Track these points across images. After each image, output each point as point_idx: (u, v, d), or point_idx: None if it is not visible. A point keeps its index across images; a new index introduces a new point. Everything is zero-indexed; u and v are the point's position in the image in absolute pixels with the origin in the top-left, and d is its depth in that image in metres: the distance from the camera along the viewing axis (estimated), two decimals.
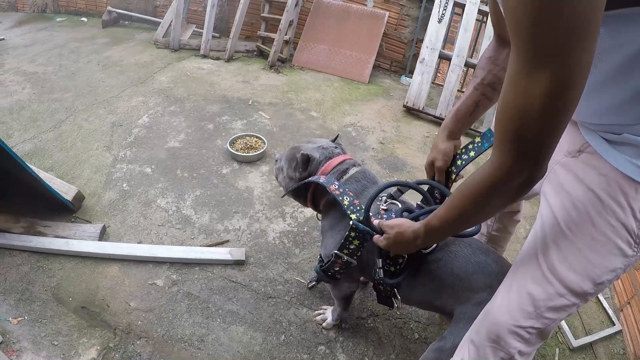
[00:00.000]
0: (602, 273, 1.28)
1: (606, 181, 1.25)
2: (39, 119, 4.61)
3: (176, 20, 6.77)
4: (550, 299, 1.34)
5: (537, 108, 0.94)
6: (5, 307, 2.56)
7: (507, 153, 1.05)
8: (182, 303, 2.66)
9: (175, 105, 5.03)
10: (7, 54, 6.51)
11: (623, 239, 1.24)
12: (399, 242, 1.58)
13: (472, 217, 1.34)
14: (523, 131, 0.99)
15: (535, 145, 1.01)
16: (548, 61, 0.90)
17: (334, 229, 2.08)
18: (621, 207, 1.22)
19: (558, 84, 0.91)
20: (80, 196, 3.32)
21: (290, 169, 2.21)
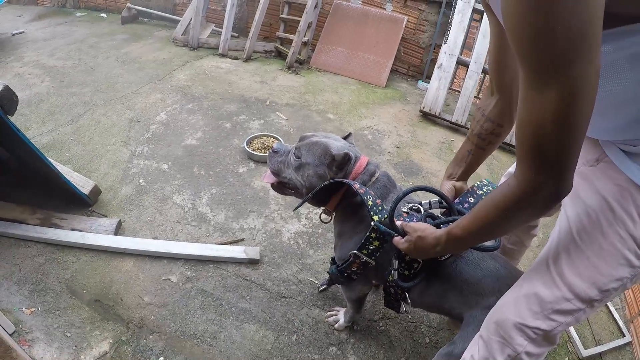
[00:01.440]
0: (608, 281, 1.29)
1: (620, 192, 1.26)
2: (57, 112, 4.65)
3: (195, 18, 6.80)
4: (557, 302, 1.36)
5: (551, 122, 0.97)
6: (19, 298, 2.59)
7: (528, 169, 1.08)
8: (195, 300, 2.67)
9: (193, 103, 5.05)
10: (26, 47, 6.57)
11: (631, 250, 1.25)
12: (419, 247, 1.58)
13: (497, 230, 1.36)
14: (541, 146, 1.02)
15: (554, 159, 1.02)
16: (553, 76, 0.93)
17: (352, 232, 2.06)
18: (632, 219, 1.24)
19: (566, 97, 0.93)
20: (97, 190, 3.34)
21: (321, 166, 2.04)
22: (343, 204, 2.10)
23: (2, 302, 2.55)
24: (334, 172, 2.02)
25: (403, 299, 1.97)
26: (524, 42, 0.94)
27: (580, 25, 0.86)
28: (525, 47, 0.95)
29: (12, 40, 6.89)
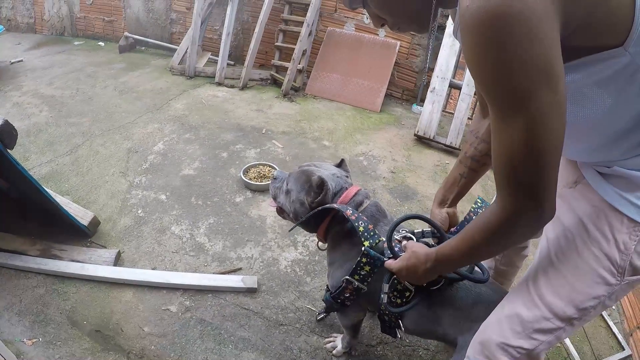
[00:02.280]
0: (586, 300, 1.32)
1: (595, 212, 1.30)
2: (56, 142, 4.70)
3: (192, 47, 6.88)
4: (537, 321, 1.39)
5: (521, 152, 1.02)
6: (21, 328, 2.60)
7: (507, 196, 1.11)
8: (195, 329, 2.69)
9: (190, 132, 5.10)
10: (25, 76, 6.66)
11: (606, 269, 1.28)
12: (411, 264, 1.59)
13: (483, 253, 1.38)
14: (516, 174, 1.07)
15: (531, 186, 1.06)
16: (516, 109, 0.99)
17: (342, 259, 2.08)
18: (606, 239, 1.27)
19: (532, 127, 0.99)
20: (96, 221, 3.37)
21: (301, 192, 2.12)
22: (333, 232, 2.13)
23: (3, 333, 2.57)
24: (312, 198, 2.07)
25: (397, 326, 1.99)
26: (484, 81, 1.01)
27: (535, 60, 0.92)
28: (486, 85, 1.02)
29: (11, 68, 6.97)
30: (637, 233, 1.23)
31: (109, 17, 8.84)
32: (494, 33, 0.92)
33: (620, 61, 1.01)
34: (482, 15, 0.92)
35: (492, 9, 0.90)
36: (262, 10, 6.52)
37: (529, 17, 0.89)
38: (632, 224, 1.23)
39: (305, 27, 6.52)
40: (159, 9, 8.33)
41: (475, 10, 0.92)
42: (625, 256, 1.25)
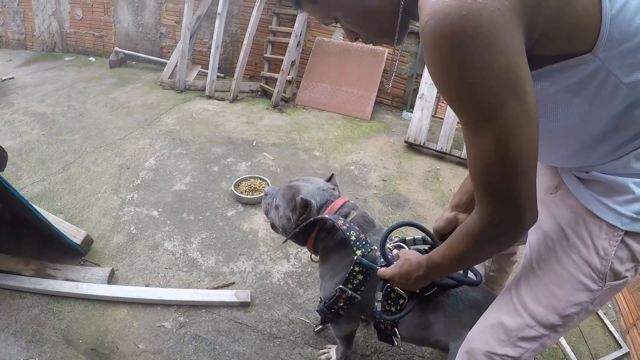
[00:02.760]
0: (567, 307, 1.33)
1: (574, 218, 1.31)
2: (48, 160, 4.71)
3: (181, 61, 6.91)
4: (521, 329, 1.40)
5: (494, 162, 1.03)
6: (17, 349, 2.61)
7: (485, 205, 1.13)
8: (189, 345, 2.70)
9: (181, 147, 5.12)
10: (16, 94, 6.68)
11: (586, 275, 1.28)
12: (404, 271, 1.61)
13: (469, 259, 1.37)
14: (491, 184, 1.08)
15: (507, 194, 1.07)
16: (484, 121, 0.99)
17: (334, 270, 2.10)
18: (585, 245, 1.28)
19: (502, 137, 0.99)
20: (89, 239, 3.38)
21: (288, 209, 2.17)
22: (322, 244, 2.15)
23: (0, 353, 2.58)
24: (296, 216, 2.10)
25: (393, 333, 2.01)
26: (450, 96, 1.02)
27: (498, 71, 0.92)
28: (452, 100, 1.02)
29: (2, 86, 6.98)
30: (616, 238, 1.23)
31: (99, 32, 8.88)
32: (453, 48, 0.92)
33: (590, 67, 1.02)
34: (441, 31, 0.92)
35: (450, 23, 0.90)
36: (250, 22, 6.56)
37: (488, 29, 0.89)
38: (611, 230, 1.23)
39: (293, 37, 6.56)
40: (148, 23, 8.37)
41: (434, 26, 0.93)
42: (605, 262, 1.26)
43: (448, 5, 0.89)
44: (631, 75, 1.02)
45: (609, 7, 0.96)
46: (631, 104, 1.07)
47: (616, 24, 0.96)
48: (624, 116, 1.09)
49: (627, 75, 1.02)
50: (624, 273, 1.27)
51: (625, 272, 1.27)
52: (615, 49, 0.99)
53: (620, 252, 1.25)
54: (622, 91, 1.04)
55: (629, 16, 0.97)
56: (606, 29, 0.97)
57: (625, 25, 0.98)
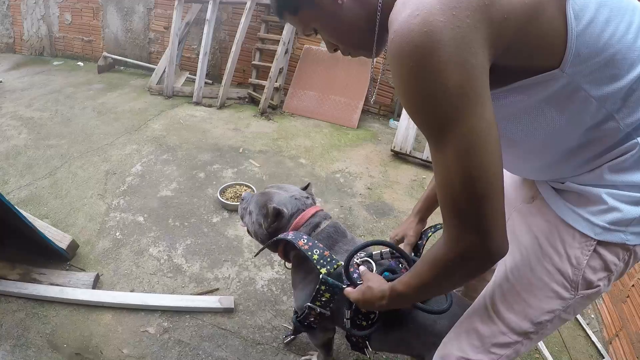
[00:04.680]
0: (540, 314, 1.35)
1: (548, 228, 1.33)
2: (35, 165, 4.72)
3: (169, 67, 6.93)
4: (494, 336, 1.43)
5: (458, 180, 1.02)
6: (1, 353, 2.61)
7: (451, 229, 1.11)
8: (173, 350, 2.71)
9: (168, 153, 5.14)
10: (4, 97, 6.66)
11: (559, 283, 1.30)
12: (367, 298, 1.57)
13: (434, 289, 1.36)
14: (456, 204, 1.06)
15: (473, 217, 1.05)
16: (445, 136, 1.01)
17: (304, 282, 2.12)
18: (558, 254, 1.29)
19: (462, 153, 1.00)
20: (75, 245, 3.40)
21: (260, 216, 2.20)
22: (292, 255, 2.19)
23: None
24: (267, 224, 2.14)
25: (364, 345, 2.03)
26: (411, 109, 1.04)
27: (456, 87, 0.94)
28: (413, 113, 1.05)
29: None
30: (589, 247, 1.25)
31: (88, 37, 8.88)
32: (414, 63, 0.95)
33: (559, 82, 1.04)
34: (404, 47, 0.95)
35: (412, 40, 0.93)
36: (239, 29, 6.61)
37: (448, 46, 0.91)
38: (584, 239, 1.25)
39: (281, 45, 6.61)
40: (137, 28, 8.39)
41: (398, 42, 0.96)
42: (577, 271, 1.28)
43: (412, 23, 0.93)
44: (600, 89, 1.05)
45: (575, 23, 0.98)
46: (603, 117, 1.09)
47: (583, 39, 0.99)
48: (596, 129, 1.12)
49: (597, 89, 1.05)
50: (596, 282, 1.29)
51: (597, 282, 1.29)
52: (583, 64, 1.01)
53: (592, 261, 1.26)
54: (592, 105, 1.07)
55: (597, 32, 1.00)
56: (572, 44, 0.99)
57: (592, 41, 1.00)
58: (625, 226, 1.20)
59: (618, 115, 1.09)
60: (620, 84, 1.04)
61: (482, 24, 0.93)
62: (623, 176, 1.18)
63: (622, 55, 1.02)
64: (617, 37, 1.01)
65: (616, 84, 1.04)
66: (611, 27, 1.00)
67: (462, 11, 0.91)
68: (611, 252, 1.25)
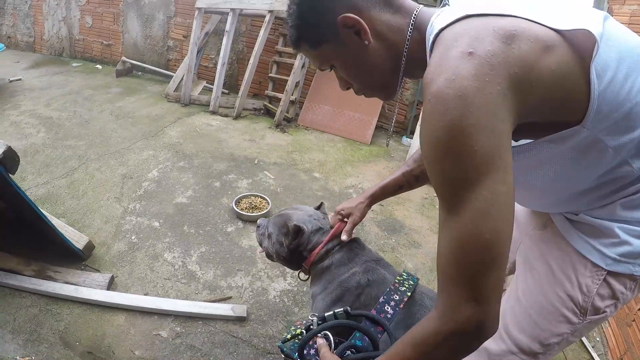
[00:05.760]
0: (549, 337, 1.40)
1: (561, 256, 1.37)
2: (52, 164, 4.77)
3: (188, 75, 6.99)
4: (504, 355, 1.48)
5: (471, 243, 0.98)
6: (14, 346, 2.64)
7: (447, 299, 1.04)
8: (184, 355, 2.73)
9: (184, 161, 5.17)
10: (23, 95, 6.74)
11: (569, 309, 1.35)
12: None
13: None
14: (463, 270, 1.01)
15: (478, 283, 1.00)
16: (463, 198, 0.98)
17: (324, 293, 2.15)
18: (570, 281, 1.34)
19: (479, 217, 0.97)
20: (91, 245, 3.43)
21: (280, 235, 2.23)
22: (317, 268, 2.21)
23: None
24: (289, 241, 2.19)
25: None
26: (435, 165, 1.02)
27: (482, 151, 0.94)
28: (437, 170, 1.02)
29: (10, 87, 7.05)
30: (599, 277, 1.30)
31: (107, 40, 8.97)
32: (446, 123, 0.95)
33: (580, 136, 1.06)
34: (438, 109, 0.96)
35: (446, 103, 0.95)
36: (257, 42, 6.65)
37: (479, 111, 0.93)
38: (595, 269, 1.30)
39: (298, 59, 6.68)
40: (156, 35, 8.47)
41: (433, 104, 0.97)
42: (587, 298, 1.32)
43: (448, 87, 0.95)
44: (617, 139, 1.08)
45: (597, 83, 1.00)
46: (618, 163, 1.13)
47: (604, 97, 1.01)
48: (611, 172, 1.15)
49: (614, 140, 1.08)
50: (603, 309, 1.34)
51: (605, 308, 1.34)
52: (603, 120, 1.04)
53: (601, 289, 1.31)
54: (609, 154, 1.10)
55: (617, 89, 1.02)
56: (594, 103, 1.00)
57: (613, 98, 1.02)
58: (634, 259, 1.25)
59: (632, 160, 1.13)
60: (635, 134, 1.08)
61: (510, 91, 0.95)
62: (635, 213, 1.23)
63: (638, 108, 1.05)
64: (634, 91, 1.04)
65: (631, 134, 1.08)
66: (629, 81, 1.03)
67: (494, 78, 0.93)
68: (619, 282, 1.30)
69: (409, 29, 1.23)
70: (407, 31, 1.23)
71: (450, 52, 0.98)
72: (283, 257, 2.28)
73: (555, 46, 0.97)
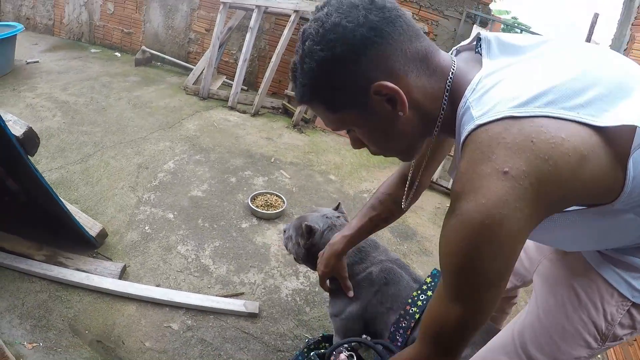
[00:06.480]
0: (567, 359, 1.39)
1: (588, 282, 1.35)
2: (67, 149, 4.75)
3: (208, 69, 6.94)
4: None
5: (452, 325, 1.10)
6: (21, 331, 2.61)
7: (424, 345, 1.21)
8: (195, 348, 2.72)
9: (201, 154, 5.14)
10: (40, 78, 6.71)
11: (591, 334, 1.35)
12: None
13: None
14: (439, 336, 1.16)
15: (450, 347, 1.16)
16: (465, 298, 1.07)
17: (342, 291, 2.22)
18: (595, 308, 1.33)
19: (472, 313, 1.08)
20: (104, 233, 3.41)
21: (297, 236, 2.39)
22: None
23: (4, 334, 2.56)
24: (304, 241, 2.32)
25: None
26: (449, 269, 1.08)
27: (497, 268, 1.01)
28: (449, 273, 1.08)
29: (27, 68, 7.02)
30: (624, 307, 1.31)
31: (128, 29, 8.93)
32: (467, 243, 0.99)
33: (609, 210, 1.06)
34: (462, 231, 0.99)
35: (472, 227, 0.96)
36: (281, 41, 6.61)
37: (502, 237, 0.95)
38: (621, 299, 1.30)
39: None
40: (178, 27, 8.44)
41: (459, 225, 0.99)
42: (610, 326, 1.33)
43: (476, 211, 0.95)
44: None
45: (633, 169, 0.98)
46: None
47: (637, 182, 1.00)
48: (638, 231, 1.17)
49: None
50: (621, 336, 1.36)
51: (623, 336, 1.36)
52: (634, 199, 1.03)
53: (624, 319, 1.33)
54: (637, 222, 1.11)
55: None
56: (628, 188, 1.00)
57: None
58: None
59: None
60: None
61: (539, 211, 0.97)
62: None
63: None
64: None
65: None
66: None
67: (524, 203, 0.93)
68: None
69: (444, 96, 1.14)
70: (442, 99, 1.15)
71: (483, 166, 0.95)
72: (302, 257, 2.40)
73: (593, 152, 0.94)
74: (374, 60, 1.06)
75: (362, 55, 1.05)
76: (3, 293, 2.85)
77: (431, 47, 1.14)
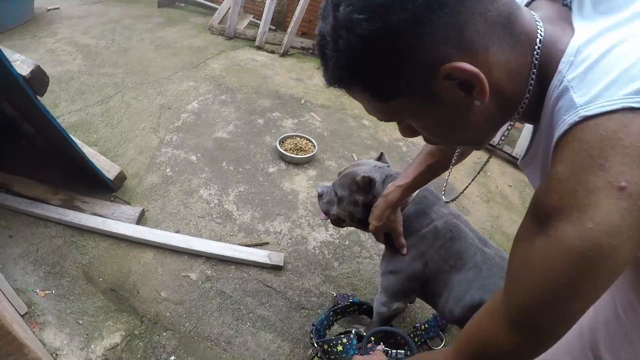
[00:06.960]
0: None
1: None
2: (87, 91, 4.62)
3: (234, 8, 6.72)
4: None
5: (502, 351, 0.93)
6: (34, 278, 2.57)
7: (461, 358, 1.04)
8: (213, 300, 2.61)
9: (226, 94, 4.97)
10: (60, 23, 6.53)
11: None
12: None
13: None
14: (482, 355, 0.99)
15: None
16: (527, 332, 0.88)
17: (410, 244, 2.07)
18: None
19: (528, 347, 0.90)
20: (122, 176, 3.29)
21: (352, 194, 2.13)
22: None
23: (17, 281, 2.53)
24: (363, 197, 2.10)
25: None
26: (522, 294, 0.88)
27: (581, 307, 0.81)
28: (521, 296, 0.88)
29: (47, 15, 6.84)
30: None
31: None
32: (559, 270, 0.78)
33: None
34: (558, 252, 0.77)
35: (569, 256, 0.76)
36: None
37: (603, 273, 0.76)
38: None
39: None
40: None
41: (554, 245, 0.78)
42: None
43: (580, 237, 0.74)
44: None
45: None
46: None
47: None
48: None
49: None
50: None
51: None
52: None
53: None
54: None
55: None
56: None
57: None
58: None
59: None
60: None
61: None
62: None
63: None
64: None
65: None
66: None
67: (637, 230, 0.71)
68: None
69: (530, 73, 0.86)
70: (528, 77, 0.87)
71: (593, 176, 0.72)
72: (358, 218, 2.18)
73: None
74: (443, 32, 0.77)
75: (427, 24, 0.75)
76: (18, 239, 2.80)
77: (513, 4, 0.85)
